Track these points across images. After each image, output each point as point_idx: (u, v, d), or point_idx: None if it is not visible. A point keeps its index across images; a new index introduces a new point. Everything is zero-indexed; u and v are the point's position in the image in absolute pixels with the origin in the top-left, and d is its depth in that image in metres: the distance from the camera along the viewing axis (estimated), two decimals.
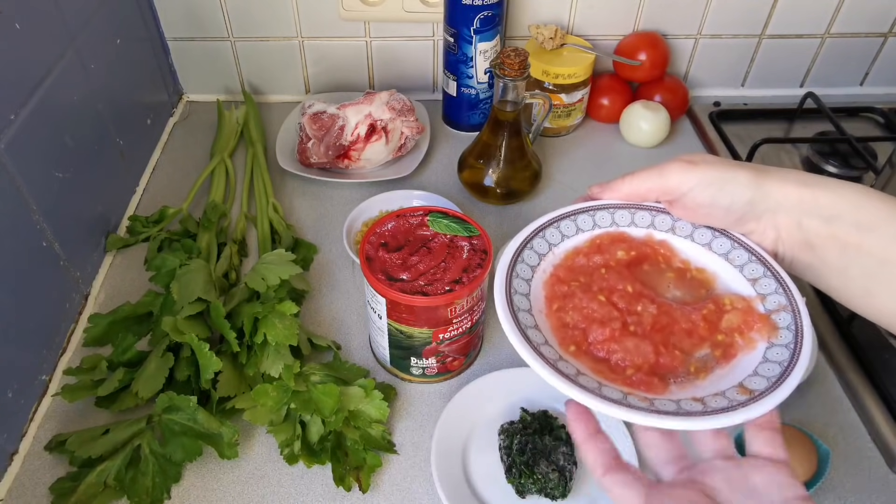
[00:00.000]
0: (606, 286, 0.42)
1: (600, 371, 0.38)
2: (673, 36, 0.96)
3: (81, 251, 0.69)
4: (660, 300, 0.42)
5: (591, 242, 0.45)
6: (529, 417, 0.58)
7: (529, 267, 0.43)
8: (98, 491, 0.53)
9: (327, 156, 0.81)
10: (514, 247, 0.44)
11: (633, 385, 0.37)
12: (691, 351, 0.40)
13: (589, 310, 0.41)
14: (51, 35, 0.65)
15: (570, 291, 0.42)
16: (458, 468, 0.57)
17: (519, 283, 0.42)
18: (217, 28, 0.91)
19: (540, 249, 0.44)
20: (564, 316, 0.41)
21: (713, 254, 0.44)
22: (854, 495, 0.57)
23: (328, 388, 0.57)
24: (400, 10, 0.89)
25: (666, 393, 0.37)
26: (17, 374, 0.58)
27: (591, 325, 0.40)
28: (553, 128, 0.93)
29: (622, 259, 0.44)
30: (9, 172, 0.57)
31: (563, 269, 0.44)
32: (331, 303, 0.71)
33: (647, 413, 0.35)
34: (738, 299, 0.41)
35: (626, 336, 0.39)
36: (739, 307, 0.41)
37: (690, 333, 0.40)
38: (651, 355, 0.39)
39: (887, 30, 0.97)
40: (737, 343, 0.40)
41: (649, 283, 0.43)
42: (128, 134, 0.81)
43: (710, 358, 0.40)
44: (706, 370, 0.39)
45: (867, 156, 0.86)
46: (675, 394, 0.37)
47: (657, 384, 0.37)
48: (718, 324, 0.40)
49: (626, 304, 0.41)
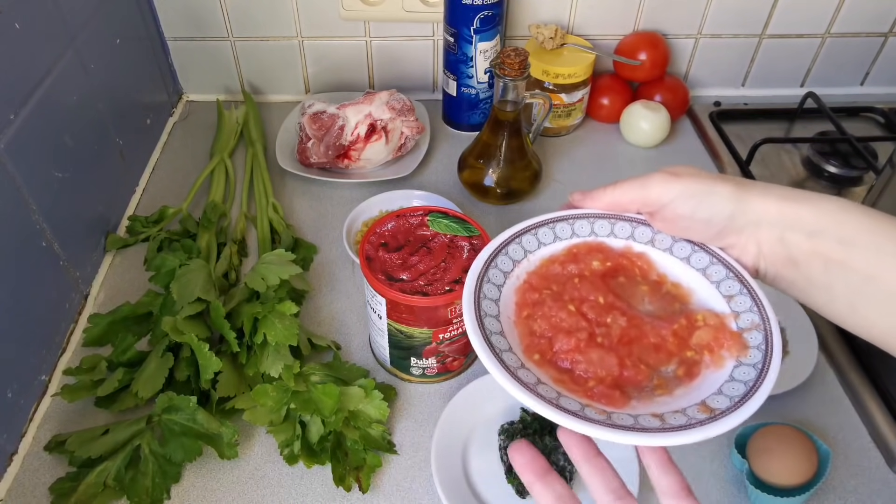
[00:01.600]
0: (578, 296, 0.42)
1: (562, 381, 0.37)
2: (673, 36, 0.96)
3: (81, 251, 0.69)
4: (631, 313, 0.41)
5: (568, 251, 0.45)
6: (529, 417, 0.58)
7: (502, 272, 0.43)
8: (98, 491, 0.53)
9: (327, 156, 0.81)
10: (489, 252, 0.43)
11: (593, 397, 0.37)
12: (657, 366, 0.39)
13: (557, 319, 0.40)
14: (50, 35, 0.65)
15: (541, 299, 0.41)
16: (458, 468, 0.57)
17: (490, 287, 0.41)
18: (217, 28, 0.91)
19: (515, 256, 0.44)
20: (532, 324, 0.40)
21: (691, 268, 0.43)
22: (854, 495, 0.57)
23: (328, 388, 0.57)
24: (400, 10, 0.89)
25: (626, 407, 0.36)
26: (17, 374, 0.58)
27: (558, 334, 0.39)
28: (553, 128, 0.93)
29: (597, 269, 0.44)
30: (8, 172, 0.57)
31: (536, 277, 0.43)
32: (331, 303, 0.71)
33: (602, 426, 0.34)
34: (710, 315, 0.41)
35: (592, 347, 0.39)
36: (711, 324, 0.40)
37: (658, 348, 0.40)
38: (615, 368, 0.38)
39: (887, 30, 0.97)
40: (704, 360, 0.39)
41: (623, 295, 0.42)
42: (127, 134, 0.81)
43: (675, 374, 0.39)
44: (670, 386, 0.38)
45: (867, 156, 0.86)
46: (635, 408, 0.36)
47: (618, 398, 0.37)
48: (689, 340, 0.40)
49: (595, 315, 0.40)
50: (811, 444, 0.55)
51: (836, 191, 0.88)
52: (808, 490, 0.53)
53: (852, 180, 0.88)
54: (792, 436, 0.55)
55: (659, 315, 0.42)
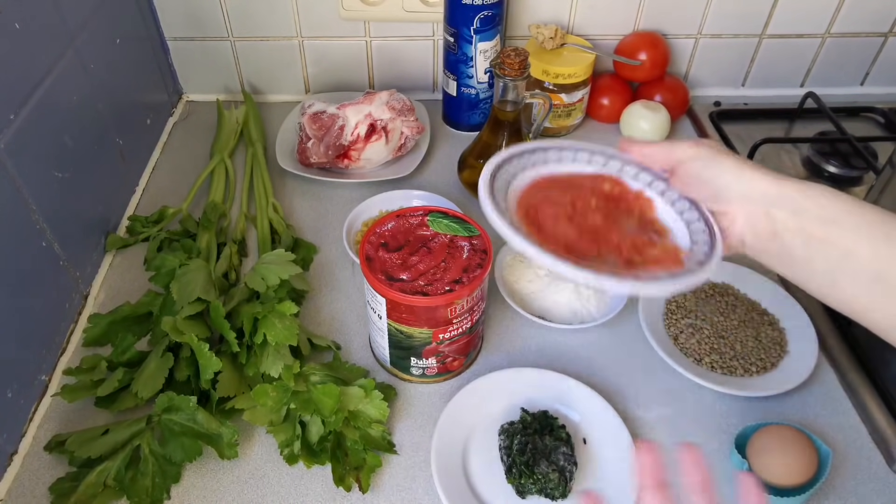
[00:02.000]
0: (577, 195, 0.49)
1: (533, 236, 0.45)
2: (673, 36, 0.96)
3: (81, 251, 0.69)
4: (609, 220, 0.48)
5: (593, 176, 0.52)
6: (529, 417, 0.58)
7: (529, 165, 0.51)
8: (98, 491, 0.53)
9: (327, 156, 0.81)
10: (533, 146, 0.52)
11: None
12: (606, 253, 0.46)
13: (551, 199, 0.49)
14: (50, 35, 0.65)
15: (549, 189, 0.50)
16: (458, 468, 0.57)
17: (511, 169, 0.50)
18: (217, 28, 0.91)
19: (550, 158, 0.52)
20: (531, 199, 0.49)
21: (681, 221, 0.50)
22: (854, 495, 0.57)
23: (328, 388, 0.57)
24: (400, 10, 0.89)
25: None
26: (17, 374, 0.58)
27: (544, 205, 0.48)
28: (553, 128, 0.93)
29: (605, 190, 0.51)
30: (8, 172, 0.57)
31: (555, 179, 0.51)
32: (331, 303, 0.71)
33: (580, 269, 0.42)
34: (672, 246, 0.48)
35: (563, 221, 0.47)
36: (667, 247, 0.48)
37: (614, 246, 0.46)
38: (572, 238, 0.46)
39: (887, 30, 0.97)
40: (644, 266, 0.46)
41: (613, 211, 0.49)
42: (128, 134, 0.81)
43: (616, 264, 0.45)
44: (608, 269, 0.44)
45: (867, 156, 0.86)
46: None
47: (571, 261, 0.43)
48: (642, 251, 0.47)
49: (581, 207, 0.48)
50: (811, 444, 0.55)
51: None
52: (808, 490, 0.53)
53: (852, 180, 0.88)
54: (792, 436, 0.55)
55: (632, 233, 0.48)
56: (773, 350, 0.65)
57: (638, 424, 0.61)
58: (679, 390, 0.64)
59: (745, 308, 0.69)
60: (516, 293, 0.70)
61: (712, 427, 0.61)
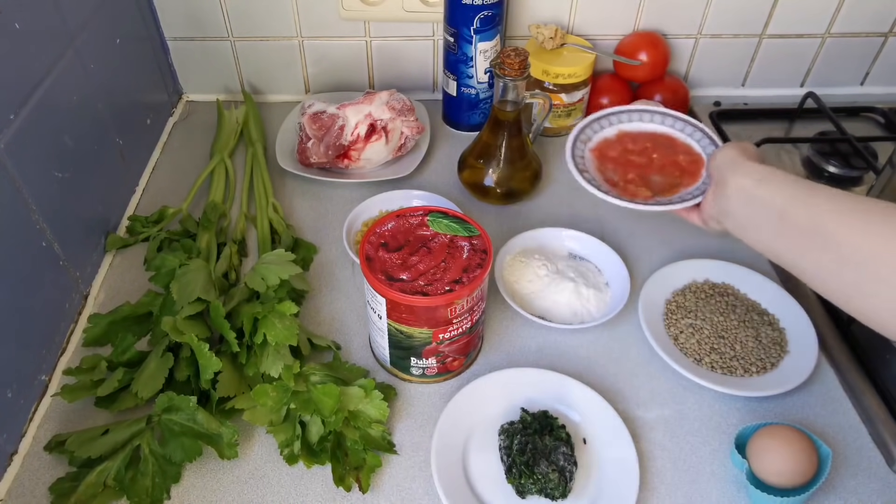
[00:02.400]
0: (640, 147, 0.68)
1: (608, 180, 0.65)
2: (673, 36, 0.96)
3: (81, 251, 0.69)
4: (662, 160, 0.66)
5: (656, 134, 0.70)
6: (529, 417, 0.58)
7: (610, 124, 0.71)
8: (98, 491, 0.53)
9: (327, 156, 0.81)
10: (610, 111, 0.71)
11: (625, 192, 0.63)
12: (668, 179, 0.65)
13: (622, 147, 0.68)
14: (50, 35, 0.65)
15: (623, 142, 0.69)
16: (458, 468, 0.57)
17: (594, 128, 0.70)
18: (217, 28, 0.91)
19: (631, 118, 0.71)
20: (608, 150, 0.68)
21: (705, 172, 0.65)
22: (854, 495, 0.57)
23: (328, 388, 0.57)
24: (400, 10, 0.89)
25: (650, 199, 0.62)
26: (17, 374, 0.58)
27: (617, 151, 0.68)
28: (553, 128, 0.93)
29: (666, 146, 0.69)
30: (8, 172, 0.57)
31: (630, 136, 0.70)
32: (331, 303, 0.71)
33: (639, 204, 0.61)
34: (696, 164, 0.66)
35: (631, 164, 0.66)
36: (693, 170, 0.65)
37: (668, 172, 0.65)
38: (643, 171, 0.65)
39: (887, 29, 0.97)
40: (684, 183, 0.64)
41: (666, 153, 0.67)
42: (128, 134, 0.81)
43: (669, 183, 0.64)
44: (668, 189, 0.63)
45: (867, 156, 0.86)
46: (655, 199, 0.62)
47: (643, 192, 0.63)
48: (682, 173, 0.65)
49: (643, 149, 0.68)
50: (811, 444, 0.55)
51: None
52: (808, 490, 0.53)
53: (852, 180, 0.88)
54: (792, 436, 0.55)
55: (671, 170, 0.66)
56: (773, 350, 0.65)
57: (638, 424, 0.61)
58: (679, 390, 0.64)
59: (745, 308, 0.69)
60: (516, 293, 0.70)
61: (712, 427, 0.61)
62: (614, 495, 0.55)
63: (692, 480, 0.57)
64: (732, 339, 0.66)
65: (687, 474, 0.58)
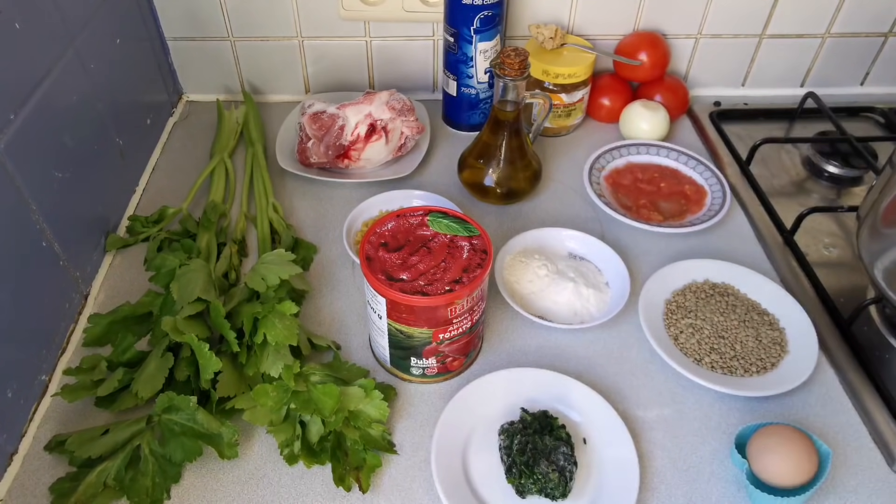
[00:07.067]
0: (648, 176, 0.85)
1: (618, 201, 0.82)
2: (673, 36, 0.96)
3: (81, 251, 0.69)
4: (668, 188, 0.83)
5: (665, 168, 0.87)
6: (529, 417, 0.58)
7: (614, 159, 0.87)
8: (98, 491, 0.53)
9: (327, 156, 0.81)
10: (613, 145, 0.87)
11: (641, 215, 0.80)
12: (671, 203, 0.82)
13: (632, 176, 0.84)
14: (50, 35, 0.65)
15: (632, 171, 0.86)
16: (458, 468, 0.57)
17: (605, 159, 0.86)
18: (217, 28, 0.91)
19: (633, 152, 0.88)
20: (620, 178, 0.84)
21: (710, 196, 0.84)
22: (854, 495, 0.57)
23: (328, 388, 0.57)
24: (400, 10, 0.89)
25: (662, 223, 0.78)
26: (17, 374, 0.58)
27: (626, 179, 0.85)
28: (553, 128, 0.93)
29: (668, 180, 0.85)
30: (8, 172, 0.57)
31: (639, 167, 0.86)
32: (331, 303, 0.71)
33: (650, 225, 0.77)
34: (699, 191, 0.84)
35: (641, 191, 0.83)
36: (696, 199, 0.83)
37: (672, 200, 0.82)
38: (653, 197, 0.82)
39: (888, 30, 0.97)
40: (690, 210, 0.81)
41: (669, 183, 0.84)
42: (127, 134, 0.81)
43: (675, 211, 0.80)
44: (674, 216, 0.79)
45: (868, 156, 0.86)
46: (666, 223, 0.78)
47: (656, 216, 0.79)
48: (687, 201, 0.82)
49: (651, 179, 0.84)
50: (811, 444, 0.55)
51: (836, 191, 0.88)
52: (808, 490, 0.53)
53: (852, 180, 0.88)
54: (792, 436, 0.55)
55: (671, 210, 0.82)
56: (773, 350, 0.65)
57: (638, 424, 0.61)
58: (679, 390, 0.64)
59: (745, 308, 0.69)
60: (516, 293, 0.70)
61: (712, 427, 0.61)
62: (614, 495, 0.55)
63: (692, 480, 0.57)
64: (732, 339, 0.66)
65: (687, 474, 0.58)
